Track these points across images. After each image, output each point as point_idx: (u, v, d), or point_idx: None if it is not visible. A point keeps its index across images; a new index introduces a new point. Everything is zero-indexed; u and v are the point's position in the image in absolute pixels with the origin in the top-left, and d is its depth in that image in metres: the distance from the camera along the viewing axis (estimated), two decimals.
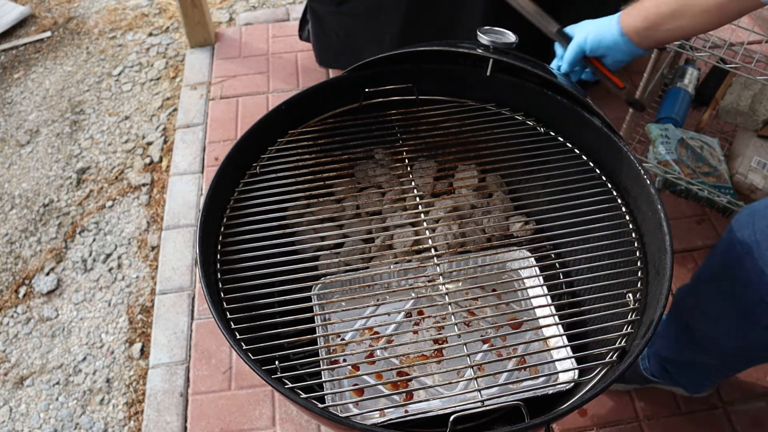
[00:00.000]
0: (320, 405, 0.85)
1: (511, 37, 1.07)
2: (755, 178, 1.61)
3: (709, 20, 0.94)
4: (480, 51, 1.08)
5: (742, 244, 0.96)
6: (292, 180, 1.13)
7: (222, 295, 0.98)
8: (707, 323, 1.11)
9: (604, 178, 1.11)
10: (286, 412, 1.44)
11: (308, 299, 1.10)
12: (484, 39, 1.07)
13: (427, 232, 1.08)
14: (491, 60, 1.10)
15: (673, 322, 1.22)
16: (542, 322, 1.08)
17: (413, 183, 1.15)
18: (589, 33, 1.07)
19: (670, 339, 1.24)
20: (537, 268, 1.15)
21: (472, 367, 0.92)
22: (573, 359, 0.98)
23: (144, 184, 1.96)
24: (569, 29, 1.12)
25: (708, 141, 1.71)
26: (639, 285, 0.98)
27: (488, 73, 1.13)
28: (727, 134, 1.82)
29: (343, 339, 1.11)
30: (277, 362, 0.89)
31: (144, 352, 1.59)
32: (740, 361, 1.18)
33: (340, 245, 1.17)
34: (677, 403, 1.42)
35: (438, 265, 1.04)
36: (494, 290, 1.17)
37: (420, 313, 1.13)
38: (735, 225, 0.99)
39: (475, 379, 0.91)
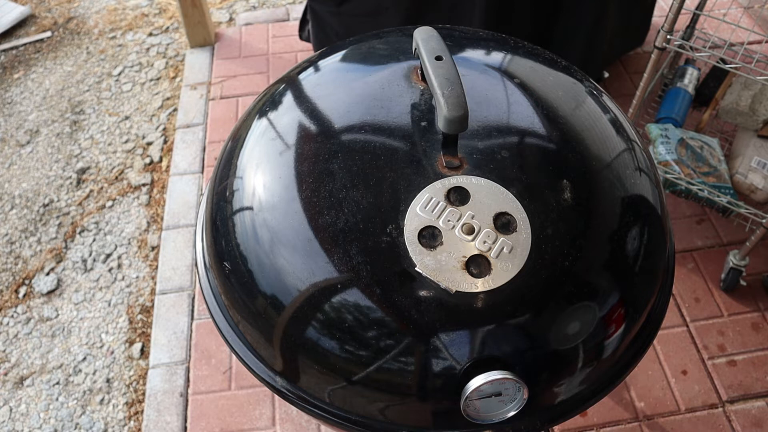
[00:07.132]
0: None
1: None
2: (755, 178, 1.62)
3: None
4: None
5: None
6: None
7: None
8: None
9: None
10: (286, 412, 1.44)
11: None
12: None
13: None
14: None
15: None
16: None
17: None
18: None
19: None
20: None
21: None
22: None
23: (144, 184, 1.96)
24: None
25: (708, 141, 1.71)
26: None
27: None
28: (727, 134, 1.82)
29: None
30: None
31: (144, 352, 1.60)
32: None
33: None
34: (677, 403, 1.42)
35: None
36: None
37: None
38: None
39: None
